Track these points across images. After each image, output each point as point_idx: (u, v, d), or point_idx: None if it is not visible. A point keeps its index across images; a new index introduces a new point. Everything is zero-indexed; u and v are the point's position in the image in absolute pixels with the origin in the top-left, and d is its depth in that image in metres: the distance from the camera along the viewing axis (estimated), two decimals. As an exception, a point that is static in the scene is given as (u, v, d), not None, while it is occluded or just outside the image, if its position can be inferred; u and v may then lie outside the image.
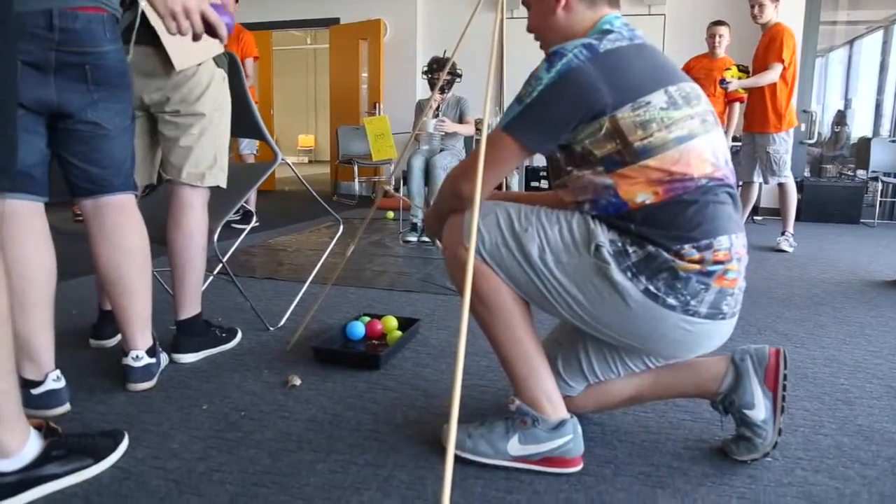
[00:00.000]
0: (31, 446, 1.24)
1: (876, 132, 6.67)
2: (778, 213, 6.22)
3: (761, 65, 4.33)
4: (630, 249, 1.26)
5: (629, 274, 1.25)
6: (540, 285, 1.32)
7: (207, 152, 1.99)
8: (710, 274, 1.25)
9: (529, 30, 1.49)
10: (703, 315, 1.27)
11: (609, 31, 1.31)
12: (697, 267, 1.24)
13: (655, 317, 1.27)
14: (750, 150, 4.51)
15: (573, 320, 1.36)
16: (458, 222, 1.38)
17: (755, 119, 4.43)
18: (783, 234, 4.42)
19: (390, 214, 5.45)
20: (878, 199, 5.96)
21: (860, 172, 6.26)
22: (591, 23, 1.37)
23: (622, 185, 1.26)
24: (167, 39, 1.83)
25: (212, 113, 1.98)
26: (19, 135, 1.29)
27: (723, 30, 4.85)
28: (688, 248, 1.23)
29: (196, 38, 1.39)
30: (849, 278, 3.51)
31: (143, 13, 1.81)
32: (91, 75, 1.55)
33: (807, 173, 6.61)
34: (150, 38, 1.84)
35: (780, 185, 4.44)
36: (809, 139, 6.41)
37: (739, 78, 4.48)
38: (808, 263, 3.93)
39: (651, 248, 1.24)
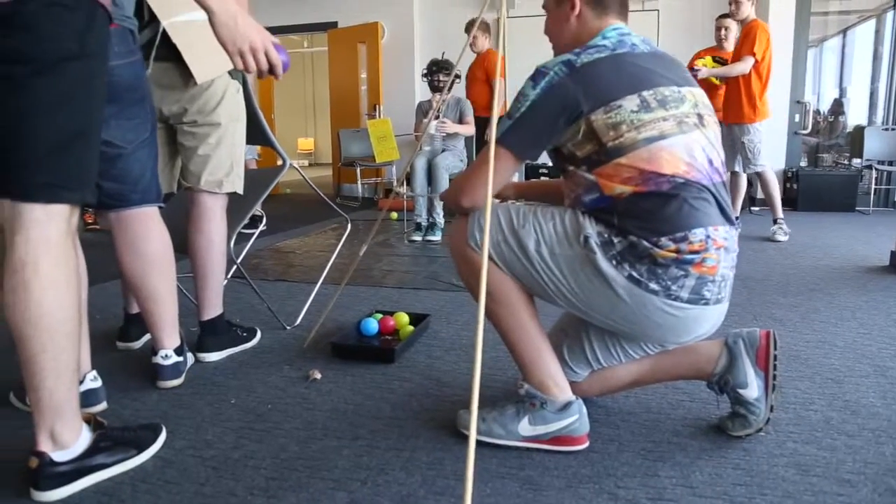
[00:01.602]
0: (82, 438, 1.35)
1: (871, 120, 6.76)
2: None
3: (737, 59, 4.55)
4: (615, 240, 1.37)
5: (614, 262, 1.37)
6: (538, 276, 1.44)
7: (224, 160, 2.09)
8: (688, 262, 1.35)
9: (545, 32, 1.62)
10: (686, 300, 1.37)
11: (592, 47, 1.43)
12: (674, 255, 1.34)
13: (640, 301, 1.37)
14: (729, 141, 4.66)
15: (569, 308, 1.47)
16: (463, 225, 1.51)
17: (731, 110, 4.63)
18: (775, 222, 4.54)
19: (394, 215, 5.56)
20: (873, 186, 6.06)
21: (855, 161, 6.36)
22: (595, 31, 1.49)
23: (602, 181, 1.38)
24: (188, 55, 1.94)
25: (227, 123, 2.08)
26: None
27: (729, 22, 4.98)
28: (664, 241, 1.34)
29: (260, 75, 1.49)
30: (843, 265, 3.61)
31: (163, 31, 1.91)
32: None
33: (803, 163, 6.71)
34: (169, 53, 1.94)
35: (759, 175, 4.60)
36: (803, 129, 6.51)
37: (713, 68, 4.69)
38: (803, 252, 4.03)
39: (633, 237, 1.36)
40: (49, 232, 1.26)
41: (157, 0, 1.92)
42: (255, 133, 2.39)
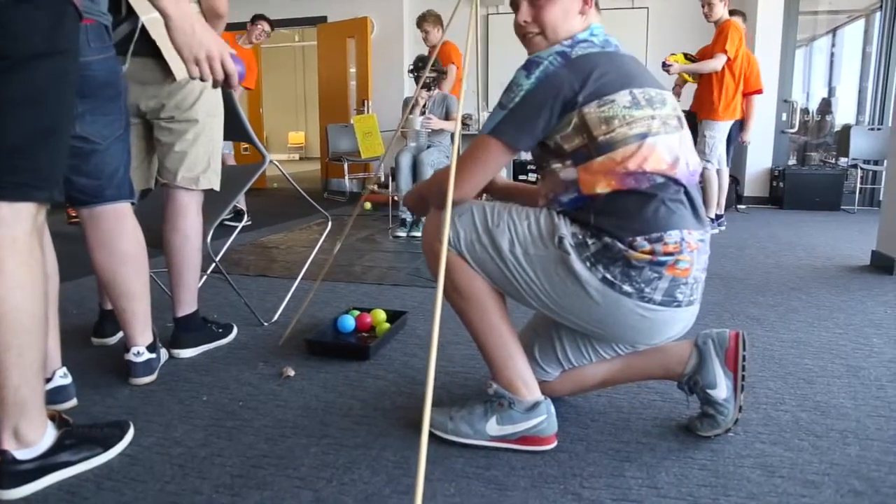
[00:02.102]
0: (47, 436, 1.34)
1: (859, 120, 6.79)
2: (761, 201, 6.36)
3: (710, 57, 4.63)
4: (589, 241, 1.37)
5: (588, 263, 1.36)
6: (511, 276, 1.43)
7: (201, 157, 2.08)
8: (661, 264, 1.35)
9: (532, 20, 1.49)
10: (659, 302, 1.38)
11: (583, 41, 1.43)
12: (649, 257, 1.34)
13: (613, 303, 1.38)
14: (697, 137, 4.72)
15: (542, 309, 1.47)
16: (437, 221, 1.49)
17: (703, 106, 4.70)
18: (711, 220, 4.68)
19: (367, 205, 5.56)
20: (858, 185, 6.10)
21: (841, 160, 6.39)
22: (583, 27, 1.49)
23: (584, 178, 1.38)
24: (168, 51, 1.92)
25: (205, 119, 2.07)
26: None
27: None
28: (640, 240, 1.34)
29: (215, 84, 1.47)
30: (825, 264, 3.63)
31: (142, 26, 1.89)
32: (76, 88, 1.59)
33: (791, 161, 6.74)
34: (148, 49, 1.92)
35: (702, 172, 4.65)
36: (791, 128, 6.53)
37: (685, 64, 4.77)
38: (786, 251, 4.05)
39: (607, 238, 1.35)
40: (15, 231, 1.25)
41: None
42: (236, 129, 2.38)
